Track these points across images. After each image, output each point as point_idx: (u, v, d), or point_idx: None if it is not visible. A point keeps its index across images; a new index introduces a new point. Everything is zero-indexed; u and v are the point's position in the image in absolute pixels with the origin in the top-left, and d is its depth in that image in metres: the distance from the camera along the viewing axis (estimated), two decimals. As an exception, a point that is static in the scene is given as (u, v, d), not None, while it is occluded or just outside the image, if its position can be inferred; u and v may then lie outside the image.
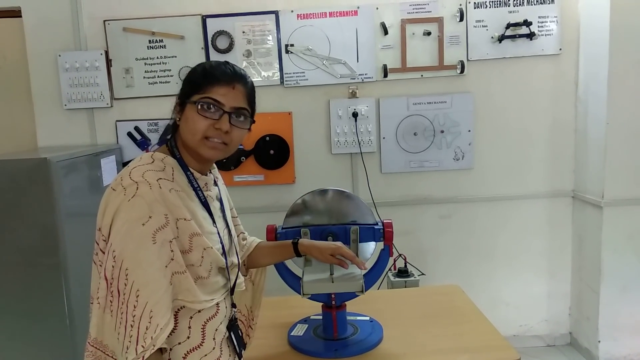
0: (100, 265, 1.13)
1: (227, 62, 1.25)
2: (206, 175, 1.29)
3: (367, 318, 1.77)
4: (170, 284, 1.12)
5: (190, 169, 1.24)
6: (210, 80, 1.19)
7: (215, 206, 1.30)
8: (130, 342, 1.07)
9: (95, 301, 1.12)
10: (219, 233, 1.27)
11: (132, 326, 1.07)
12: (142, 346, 1.07)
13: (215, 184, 1.34)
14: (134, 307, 1.07)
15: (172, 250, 1.12)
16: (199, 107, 1.18)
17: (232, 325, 1.31)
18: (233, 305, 1.34)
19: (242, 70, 1.26)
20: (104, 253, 1.12)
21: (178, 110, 1.24)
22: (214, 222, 1.26)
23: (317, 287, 1.52)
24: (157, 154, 1.23)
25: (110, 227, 1.11)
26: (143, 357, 1.07)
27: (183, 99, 1.22)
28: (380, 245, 1.68)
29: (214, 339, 1.24)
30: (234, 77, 1.22)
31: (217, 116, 1.19)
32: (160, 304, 1.09)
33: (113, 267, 1.09)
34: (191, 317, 1.20)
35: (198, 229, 1.18)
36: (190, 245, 1.17)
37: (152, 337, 1.07)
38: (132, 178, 1.13)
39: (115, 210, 1.10)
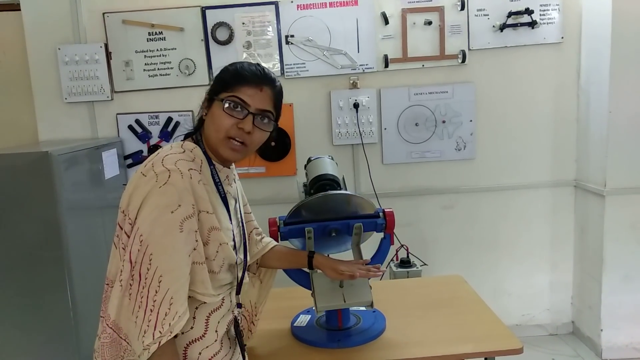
0: (123, 248, 1.14)
1: (258, 64, 1.27)
2: (227, 168, 1.30)
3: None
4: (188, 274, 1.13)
5: (214, 162, 1.26)
6: (240, 80, 1.22)
7: (231, 204, 1.31)
8: (148, 326, 1.08)
9: (118, 283, 1.12)
10: (233, 230, 1.28)
11: (151, 311, 1.08)
12: (160, 332, 1.08)
13: (234, 180, 1.36)
14: (156, 292, 1.08)
15: (196, 240, 1.14)
16: (226, 105, 1.21)
17: (235, 326, 1.32)
18: (239, 306, 1.34)
19: (272, 73, 1.28)
20: (128, 236, 1.13)
21: (206, 106, 1.26)
22: (230, 218, 1.28)
23: (330, 305, 1.58)
24: (187, 144, 1.24)
25: (138, 211, 1.11)
26: (159, 342, 1.08)
27: (212, 96, 1.24)
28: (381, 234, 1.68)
29: (216, 331, 1.25)
30: (263, 79, 1.24)
31: (241, 116, 1.21)
32: (180, 292, 1.11)
33: (138, 250, 1.09)
34: (197, 308, 1.21)
35: (218, 223, 1.20)
36: (208, 238, 1.19)
37: (170, 324, 1.08)
38: (165, 165, 1.14)
39: (145, 195, 1.11)
